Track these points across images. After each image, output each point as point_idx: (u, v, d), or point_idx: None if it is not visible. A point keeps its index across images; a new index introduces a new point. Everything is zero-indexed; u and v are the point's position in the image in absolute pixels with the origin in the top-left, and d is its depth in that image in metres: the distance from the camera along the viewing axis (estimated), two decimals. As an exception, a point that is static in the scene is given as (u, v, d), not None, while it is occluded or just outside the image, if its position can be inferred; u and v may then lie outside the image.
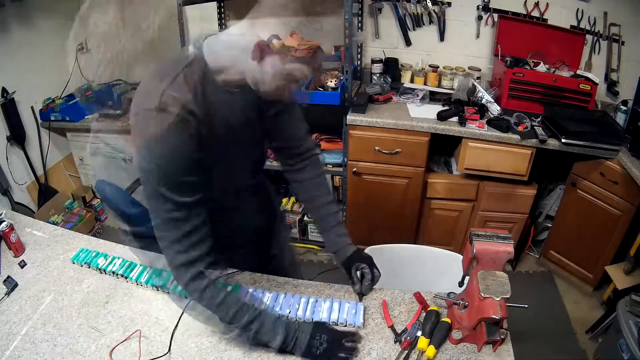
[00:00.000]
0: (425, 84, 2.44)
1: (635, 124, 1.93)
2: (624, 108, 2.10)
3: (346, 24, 2.02)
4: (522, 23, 2.29)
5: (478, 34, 2.41)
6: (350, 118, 2.13)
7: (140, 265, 1.18)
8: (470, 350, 0.95)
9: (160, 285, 1.12)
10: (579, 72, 2.22)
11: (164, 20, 0.69)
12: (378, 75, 2.49)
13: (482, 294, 0.86)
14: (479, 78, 2.38)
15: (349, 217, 2.48)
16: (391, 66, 2.49)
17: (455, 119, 2.11)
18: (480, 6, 2.33)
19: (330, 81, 2.15)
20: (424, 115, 2.14)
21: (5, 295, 1.14)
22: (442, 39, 2.46)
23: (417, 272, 1.52)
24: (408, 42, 2.50)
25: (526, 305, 0.88)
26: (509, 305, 0.87)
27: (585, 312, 2.21)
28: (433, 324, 0.98)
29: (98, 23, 1.07)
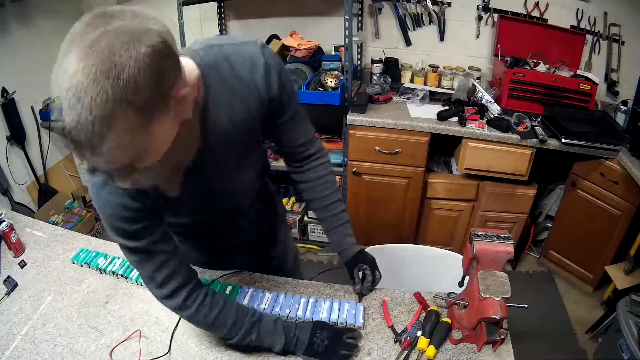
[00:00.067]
0: (425, 84, 2.44)
1: (635, 124, 1.93)
2: (624, 108, 2.10)
3: (346, 23, 2.02)
4: (522, 23, 2.29)
5: (478, 34, 2.41)
6: (350, 118, 2.13)
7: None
8: (470, 350, 0.95)
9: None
10: (579, 72, 2.22)
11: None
12: (378, 75, 2.49)
13: (482, 294, 0.86)
14: (479, 78, 2.38)
15: (349, 217, 2.48)
16: (391, 66, 2.49)
17: (455, 119, 2.11)
18: (480, 6, 2.33)
19: (330, 81, 2.15)
20: (424, 115, 2.14)
21: (5, 295, 1.14)
22: (442, 39, 2.46)
23: (417, 272, 1.52)
24: (408, 42, 2.50)
25: (526, 305, 0.88)
26: (509, 305, 0.87)
27: (585, 312, 2.21)
28: (433, 324, 0.98)
29: None
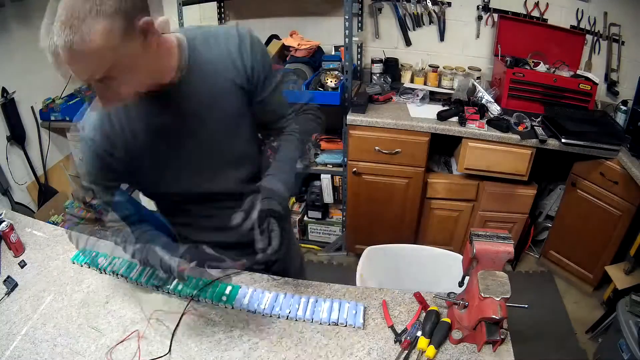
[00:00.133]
0: (425, 84, 2.44)
1: (635, 124, 1.93)
2: (624, 108, 2.10)
3: (346, 23, 2.02)
4: (522, 23, 2.29)
5: (478, 34, 2.41)
6: (350, 118, 2.13)
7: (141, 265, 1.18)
8: (470, 350, 0.95)
9: (160, 285, 1.12)
10: (579, 72, 2.22)
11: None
12: (378, 75, 2.49)
13: (482, 294, 0.86)
14: (479, 78, 2.38)
15: (349, 217, 2.49)
16: (391, 66, 2.49)
17: (455, 119, 2.11)
18: (480, 6, 2.33)
19: (330, 81, 2.16)
20: (424, 115, 2.14)
21: (5, 295, 1.14)
22: (442, 39, 2.46)
23: (417, 272, 1.52)
24: (408, 42, 2.50)
25: (526, 305, 0.88)
26: (509, 305, 0.87)
27: (585, 312, 2.22)
28: (433, 324, 0.98)
29: None
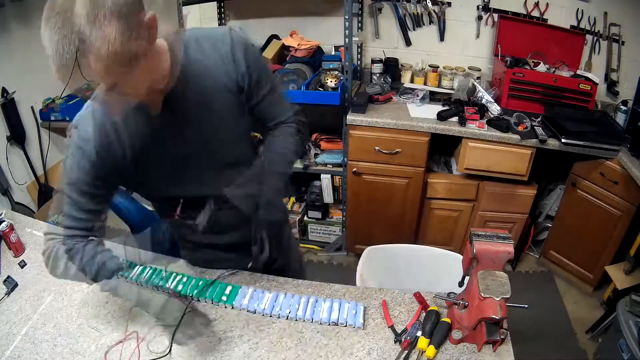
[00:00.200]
0: (425, 84, 2.44)
1: (635, 124, 1.93)
2: (624, 108, 2.10)
3: (346, 23, 2.02)
4: (522, 23, 2.29)
5: (478, 34, 2.41)
6: (350, 118, 2.13)
7: (141, 265, 1.18)
8: (470, 350, 0.95)
9: (160, 285, 1.12)
10: (579, 72, 2.22)
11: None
12: (378, 75, 2.49)
13: (482, 294, 0.86)
14: (479, 78, 2.38)
15: (349, 217, 2.49)
16: (391, 66, 2.49)
17: (455, 119, 2.11)
18: (480, 6, 2.33)
19: (330, 81, 2.16)
20: (424, 115, 2.14)
21: (5, 295, 1.14)
22: (442, 39, 2.46)
23: (417, 272, 1.52)
24: (408, 42, 2.50)
25: (526, 305, 0.88)
26: (509, 305, 0.87)
27: (585, 312, 2.22)
28: (433, 324, 0.98)
29: None
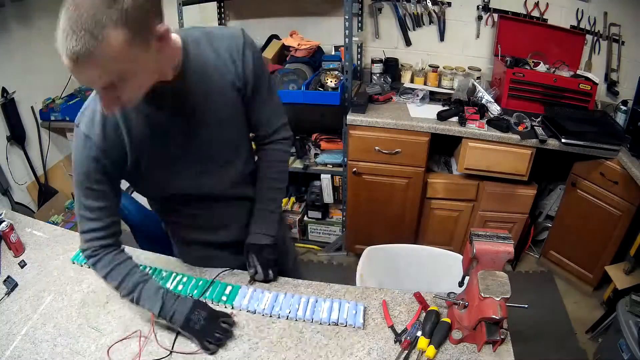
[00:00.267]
0: (425, 84, 2.44)
1: (635, 124, 1.93)
2: (624, 108, 2.10)
3: (346, 23, 2.02)
4: (522, 23, 2.29)
5: (478, 34, 2.41)
6: (350, 118, 2.13)
7: (140, 265, 1.18)
8: (470, 350, 0.95)
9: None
10: (579, 72, 2.22)
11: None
12: (378, 75, 2.49)
13: (482, 294, 0.86)
14: (479, 78, 2.38)
15: (349, 217, 2.49)
16: (391, 66, 2.49)
17: (455, 119, 2.11)
18: (480, 6, 2.33)
19: (330, 81, 2.15)
20: (424, 115, 2.14)
21: (5, 295, 1.14)
22: (442, 39, 2.46)
23: (417, 272, 1.52)
24: (408, 42, 2.50)
25: (526, 305, 0.88)
26: (509, 305, 0.87)
27: (585, 312, 2.22)
28: (433, 324, 0.98)
29: None
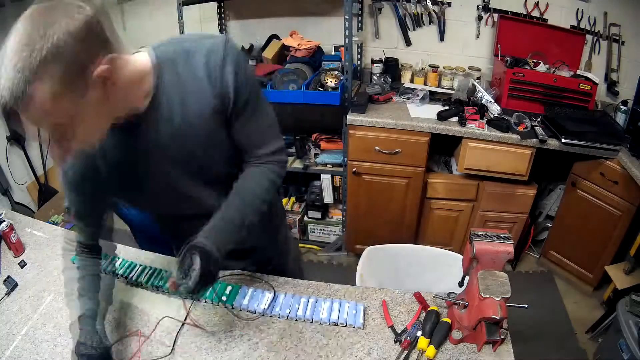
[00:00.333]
0: (425, 84, 2.44)
1: (635, 124, 1.93)
2: (624, 108, 2.10)
3: (346, 23, 2.02)
4: (522, 23, 2.29)
5: (478, 34, 2.41)
6: (350, 118, 2.13)
7: (140, 265, 1.18)
8: (470, 350, 0.95)
9: (161, 286, 1.12)
10: (579, 72, 2.22)
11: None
12: (378, 75, 2.49)
13: (482, 294, 0.86)
14: (479, 78, 2.38)
15: (349, 217, 2.49)
16: (391, 66, 2.49)
17: (455, 119, 2.11)
18: (480, 6, 2.33)
19: (330, 81, 2.15)
20: (424, 115, 2.14)
21: (5, 295, 1.14)
22: (442, 39, 2.46)
23: (417, 272, 1.52)
24: (408, 42, 2.50)
25: (526, 305, 0.88)
26: (509, 305, 0.87)
27: (585, 312, 2.22)
28: (433, 324, 0.98)
29: None
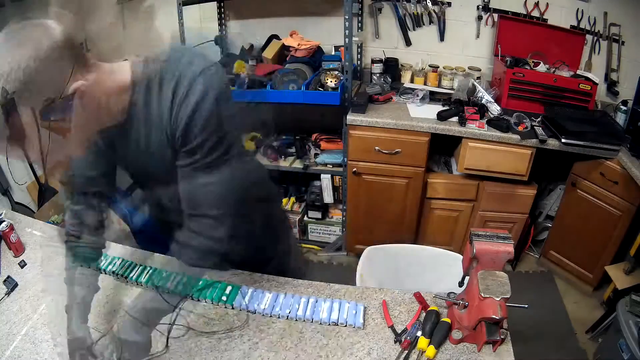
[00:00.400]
0: (425, 84, 2.44)
1: (635, 124, 1.93)
2: (624, 108, 2.10)
3: (346, 23, 2.02)
4: (522, 23, 2.29)
5: (478, 34, 2.41)
6: (350, 118, 2.13)
7: (140, 265, 1.18)
8: (470, 350, 0.95)
9: (160, 285, 1.12)
10: (579, 72, 2.22)
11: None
12: (378, 75, 2.49)
13: (482, 294, 0.86)
14: (479, 78, 2.38)
15: (349, 217, 2.49)
16: (391, 66, 2.49)
17: (455, 119, 2.11)
18: (480, 6, 2.33)
19: (330, 81, 2.15)
20: (424, 115, 2.14)
21: (5, 295, 1.14)
22: (442, 39, 2.46)
23: (417, 272, 1.52)
24: (408, 42, 2.50)
25: (526, 305, 0.88)
26: (509, 305, 0.87)
27: (585, 312, 2.22)
28: (433, 324, 0.98)
29: None
